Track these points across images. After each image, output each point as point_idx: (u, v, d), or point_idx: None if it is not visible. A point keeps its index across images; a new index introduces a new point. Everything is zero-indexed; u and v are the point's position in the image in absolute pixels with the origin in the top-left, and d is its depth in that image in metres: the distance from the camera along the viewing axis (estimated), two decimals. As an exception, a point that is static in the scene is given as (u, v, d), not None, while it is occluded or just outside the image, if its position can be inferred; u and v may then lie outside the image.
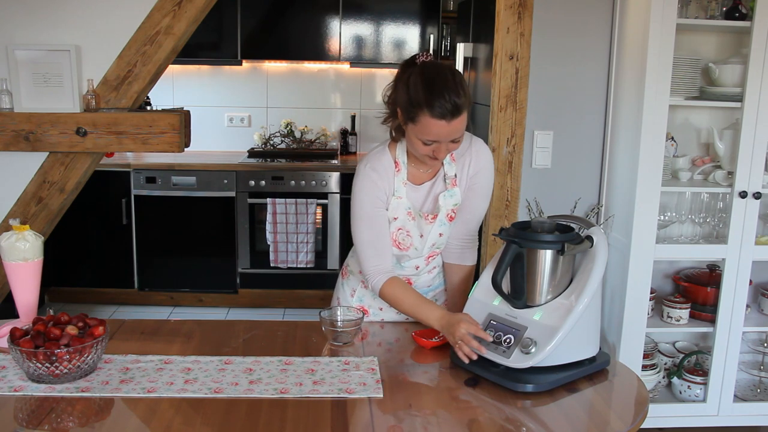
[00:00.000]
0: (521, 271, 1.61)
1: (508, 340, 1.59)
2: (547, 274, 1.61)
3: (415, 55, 1.77)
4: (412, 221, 1.90)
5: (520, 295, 1.62)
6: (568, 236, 1.64)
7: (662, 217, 2.88)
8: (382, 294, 1.86)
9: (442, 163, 1.91)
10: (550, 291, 1.62)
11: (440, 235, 1.94)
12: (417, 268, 2.01)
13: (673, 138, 2.90)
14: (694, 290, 2.95)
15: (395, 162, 1.87)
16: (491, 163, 1.95)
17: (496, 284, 1.62)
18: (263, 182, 4.37)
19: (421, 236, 1.92)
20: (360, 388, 1.52)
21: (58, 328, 1.53)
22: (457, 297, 2.04)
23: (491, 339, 1.62)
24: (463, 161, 1.91)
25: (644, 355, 2.91)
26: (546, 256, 1.60)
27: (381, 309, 2.06)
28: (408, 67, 1.76)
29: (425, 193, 1.92)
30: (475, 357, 1.61)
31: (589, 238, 1.64)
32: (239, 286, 4.51)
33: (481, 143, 1.94)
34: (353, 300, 2.09)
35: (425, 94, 1.67)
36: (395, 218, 1.89)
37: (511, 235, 1.64)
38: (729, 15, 2.69)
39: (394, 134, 1.87)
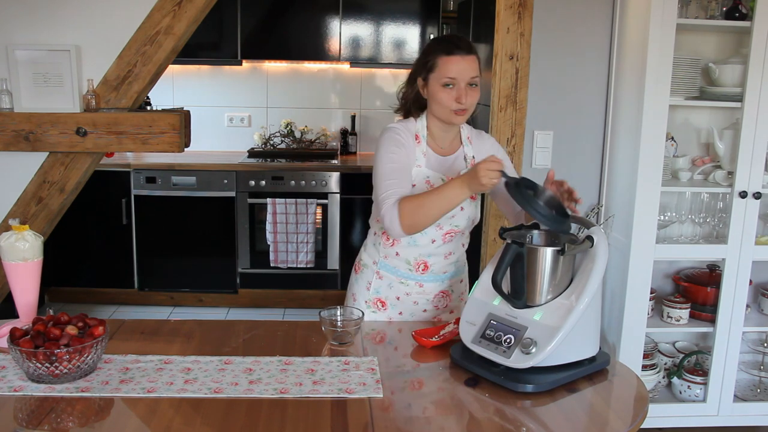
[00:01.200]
0: (521, 271, 1.61)
1: (508, 340, 1.59)
2: (548, 274, 1.61)
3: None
4: (431, 189, 1.91)
5: (520, 295, 1.62)
6: (562, 220, 1.64)
7: (662, 217, 2.88)
8: (400, 206, 1.80)
9: (461, 142, 2.02)
10: (550, 291, 1.62)
11: (462, 208, 1.96)
12: (433, 241, 1.98)
13: (673, 138, 2.90)
14: (694, 290, 2.95)
15: (416, 134, 1.98)
16: (499, 145, 2.13)
17: (496, 284, 1.62)
18: (263, 182, 4.37)
19: None
20: (360, 388, 1.52)
21: (58, 328, 1.53)
22: None
23: (510, 180, 1.67)
24: (479, 147, 2.05)
25: (644, 355, 2.91)
26: (546, 257, 1.60)
27: (398, 299, 2.05)
28: (426, 46, 2.01)
29: (447, 164, 2.00)
30: (500, 168, 1.68)
31: (589, 238, 1.64)
32: (239, 286, 4.51)
33: (486, 134, 2.13)
34: (369, 293, 2.07)
35: (439, 43, 1.94)
36: (413, 185, 1.94)
37: (512, 236, 1.65)
38: (729, 15, 2.69)
39: (406, 113, 2.02)
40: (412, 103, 2.00)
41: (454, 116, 1.91)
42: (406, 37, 4.61)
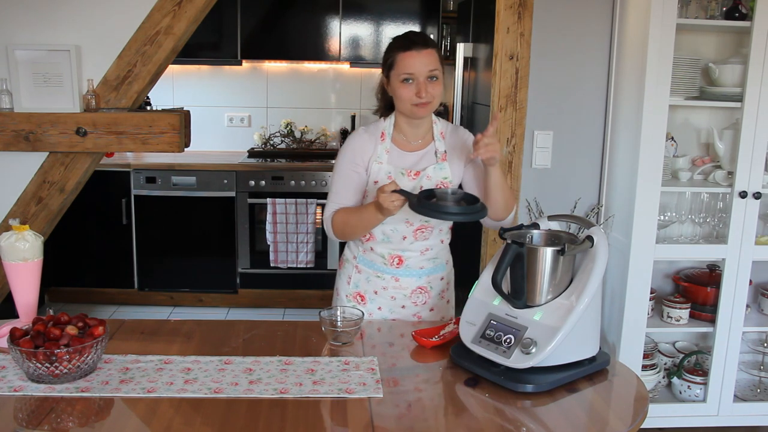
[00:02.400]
0: (521, 271, 1.61)
1: (508, 340, 1.59)
2: (548, 274, 1.61)
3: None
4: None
5: (520, 295, 1.62)
6: (474, 207, 1.74)
7: (662, 217, 2.88)
8: (333, 221, 2.01)
9: (433, 137, 2.05)
10: (550, 291, 1.62)
11: None
12: (405, 238, 2.03)
13: (673, 138, 2.90)
14: (694, 290, 2.95)
15: (382, 132, 2.04)
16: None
17: (496, 284, 1.62)
18: (263, 182, 4.37)
19: None
20: (360, 388, 1.52)
21: (58, 328, 1.53)
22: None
23: (412, 200, 1.76)
24: (453, 142, 2.06)
25: (644, 355, 2.91)
26: (546, 256, 1.60)
27: (376, 293, 2.08)
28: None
29: (413, 160, 2.03)
30: (395, 189, 1.79)
31: (589, 238, 1.64)
32: (239, 286, 4.51)
33: (463, 128, 2.13)
34: (350, 287, 2.12)
35: (396, 39, 1.99)
36: (376, 182, 2.00)
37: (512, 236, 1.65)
38: (729, 15, 2.69)
39: (382, 113, 2.08)
40: (384, 102, 2.07)
41: (416, 110, 1.95)
42: (406, 37, 4.61)
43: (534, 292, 1.62)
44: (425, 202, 1.72)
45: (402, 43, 1.95)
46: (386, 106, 2.08)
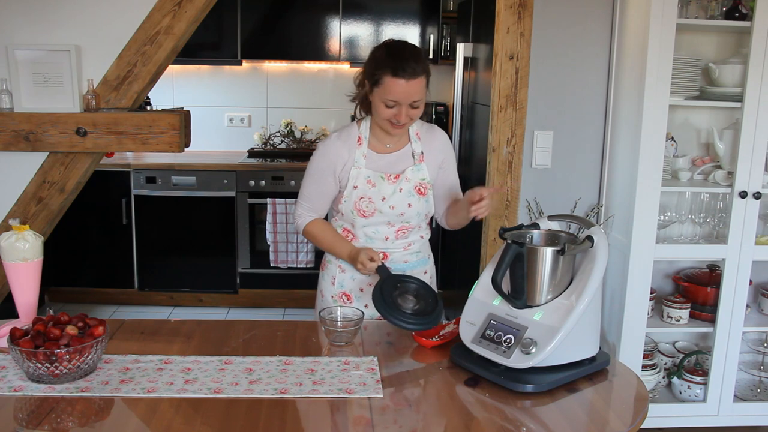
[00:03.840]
0: (521, 271, 1.61)
1: (508, 340, 1.59)
2: (548, 274, 1.61)
3: (385, 41, 2.01)
4: (373, 188, 2.02)
5: (520, 295, 1.62)
6: (428, 318, 1.82)
7: (662, 217, 2.88)
8: (304, 231, 2.12)
9: (410, 139, 2.06)
10: (550, 291, 1.62)
11: (409, 205, 2.03)
12: (387, 238, 2.06)
13: (673, 138, 2.90)
14: (694, 290, 2.95)
15: (359, 136, 2.05)
16: (449, 143, 2.17)
17: (496, 284, 1.62)
18: (263, 182, 4.37)
19: (384, 199, 2.01)
20: (360, 388, 1.52)
21: (58, 328, 1.53)
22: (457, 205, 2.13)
23: (383, 264, 1.95)
24: (429, 143, 2.08)
25: (644, 355, 2.91)
26: (546, 257, 1.60)
27: (362, 290, 2.11)
28: (374, 48, 2.02)
29: (390, 162, 2.05)
30: (373, 267, 1.94)
31: (589, 238, 1.64)
32: (239, 286, 4.51)
33: (438, 128, 2.15)
34: (334, 288, 2.14)
35: (388, 58, 1.91)
36: (355, 187, 2.02)
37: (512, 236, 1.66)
38: (729, 15, 2.69)
39: (360, 113, 2.09)
40: (361, 104, 2.07)
41: (391, 128, 1.97)
42: (406, 37, 4.61)
43: (534, 292, 1.62)
44: (388, 300, 1.83)
45: (393, 67, 1.88)
46: (360, 102, 2.08)
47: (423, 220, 2.11)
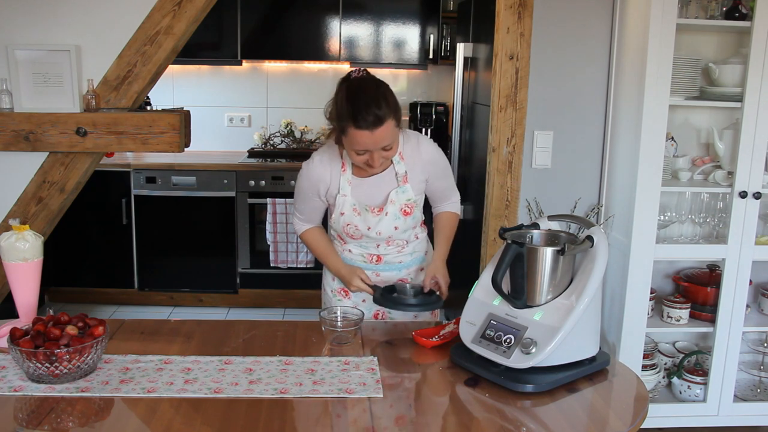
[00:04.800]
0: (521, 271, 1.61)
1: (508, 340, 1.59)
2: (548, 274, 1.61)
3: (349, 72, 1.90)
4: (358, 216, 2.02)
5: (520, 295, 1.62)
6: (431, 298, 1.93)
7: (662, 217, 2.88)
8: (302, 237, 2.18)
9: (392, 161, 2.02)
10: (551, 291, 1.62)
11: (396, 228, 2.05)
12: (378, 246, 2.10)
13: (673, 138, 2.90)
14: (694, 290, 2.95)
15: (342, 162, 2.03)
16: (438, 152, 2.09)
17: (496, 284, 1.62)
18: (263, 182, 4.36)
19: (369, 228, 2.03)
20: (360, 388, 1.52)
21: (58, 328, 1.53)
22: (439, 239, 2.18)
23: (376, 293, 1.99)
24: (413, 161, 2.03)
25: (644, 355, 2.91)
26: (546, 257, 1.60)
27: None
28: (342, 83, 1.91)
29: (372, 186, 2.03)
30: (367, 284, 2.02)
31: (589, 238, 1.64)
32: (239, 286, 4.51)
33: (425, 140, 2.07)
34: (334, 283, 2.18)
35: (348, 107, 1.82)
36: (342, 213, 2.03)
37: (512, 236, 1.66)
38: (729, 15, 2.69)
39: (338, 141, 1.97)
40: (337, 137, 1.94)
41: (366, 168, 1.95)
42: (406, 37, 4.61)
43: (534, 292, 1.62)
44: (387, 296, 1.91)
45: (354, 118, 1.80)
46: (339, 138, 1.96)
47: (413, 231, 2.13)
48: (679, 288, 3.05)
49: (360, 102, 1.81)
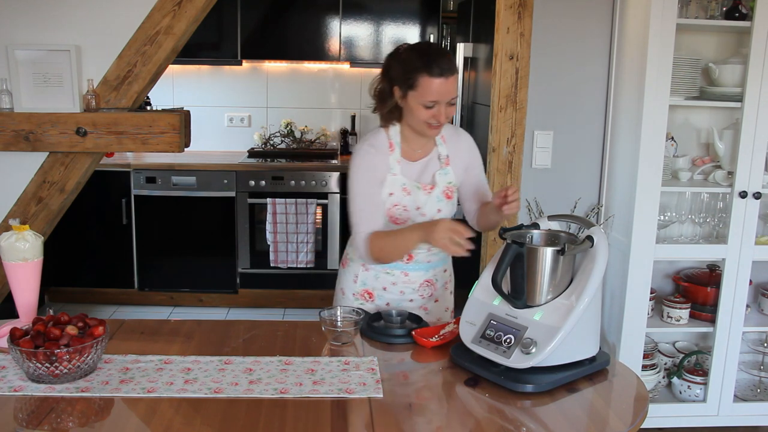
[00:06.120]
0: (521, 271, 1.61)
1: (508, 340, 1.59)
2: (548, 274, 1.61)
3: (398, 47, 1.97)
4: (408, 196, 2.00)
5: (520, 294, 1.62)
6: (420, 325, 1.86)
7: (662, 217, 2.88)
8: (369, 246, 1.94)
9: (435, 143, 2.04)
10: (551, 291, 1.62)
11: (438, 210, 2.02)
12: None
13: (673, 138, 2.90)
14: (694, 290, 2.95)
15: (390, 142, 2.00)
16: (475, 145, 2.14)
17: (496, 284, 1.62)
18: (263, 182, 4.37)
19: (418, 208, 2.00)
20: (360, 388, 1.52)
21: (58, 328, 1.53)
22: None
23: (471, 234, 1.79)
24: (455, 146, 2.07)
25: (644, 355, 2.91)
26: (546, 256, 1.60)
27: (385, 289, 2.10)
28: (394, 55, 1.95)
29: (421, 168, 2.03)
30: (468, 247, 1.77)
31: (589, 238, 1.64)
32: (239, 286, 4.51)
33: (463, 131, 2.14)
34: (356, 285, 2.12)
35: (421, 59, 1.87)
36: (391, 194, 1.99)
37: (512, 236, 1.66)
38: (729, 15, 2.69)
39: (385, 120, 2.01)
40: (385, 108, 1.98)
41: (428, 129, 1.94)
42: (406, 37, 4.61)
43: (534, 291, 1.62)
44: (374, 326, 1.85)
45: (428, 68, 1.84)
46: (389, 111, 1.99)
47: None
48: (679, 288, 3.05)
49: (431, 53, 1.88)
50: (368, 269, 2.10)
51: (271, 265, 4.40)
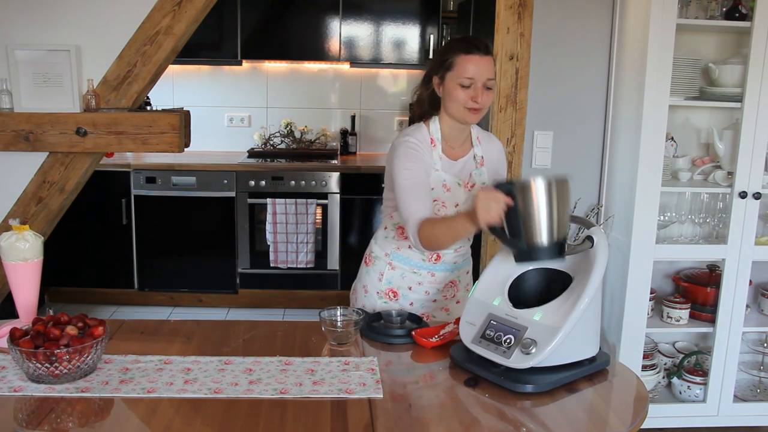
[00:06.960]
0: (515, 210, 1.58)
1: (508, 341, 1.59)
2: (543, 207, 1.56)
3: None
4: (447, 192, 1.99)
5: (518, 235, 1.59)
6: (420, 325, 1.86)
7: (662, 217, 2.88)
8: (420, 234, 1.84)
9: (472, 144, 2.05)
10: (549, 228, 1.57)
11: None
12: None
13: (673, 138, 2.90)
14: (694, 290, 2.95)
15: (431, 138, 2.00)
16: (504, 153, 2.18)
17: (495, 230, 1.61)
18: (263, 182, 4.37)
19: (456, 206, 2.00)
20: (360, 389, 1.52)
21: (57, 328, 1.53)
22: None
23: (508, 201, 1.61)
24: (488, 148, 2.09)
25: (644, 355, 2.91)
26: (538, 188, 1.56)
27: (410, 288, 2.09)
28: (435, 54, 2.09)
29: (460, 167, 2.04)
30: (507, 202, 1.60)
31: (589, 238, 1.63)
32: (239, 286, 4.51)
33: (494, 137, 2.19)
34: (382, 284, 2.11)
35: (458, 41, 1.99)
36: (431, 188, 1.97)
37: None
38: (729, 15, 2.69)
39: (426, 115, 2.03)
40: (428, 104, 2.01)
41: (468, 114, 1.93)
42: (406, 37, 4.61)
43: (532, 230, 1.58)
44: (374, 326, 1.85)
45: (465, 46, 1.91)
46: (423, 114, 2.03)
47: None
48: (679, 288, 3.05)
49: (468, 37, 2.00)
50: (395, 268, 2.09)
51: (271, 265, 4.40)
